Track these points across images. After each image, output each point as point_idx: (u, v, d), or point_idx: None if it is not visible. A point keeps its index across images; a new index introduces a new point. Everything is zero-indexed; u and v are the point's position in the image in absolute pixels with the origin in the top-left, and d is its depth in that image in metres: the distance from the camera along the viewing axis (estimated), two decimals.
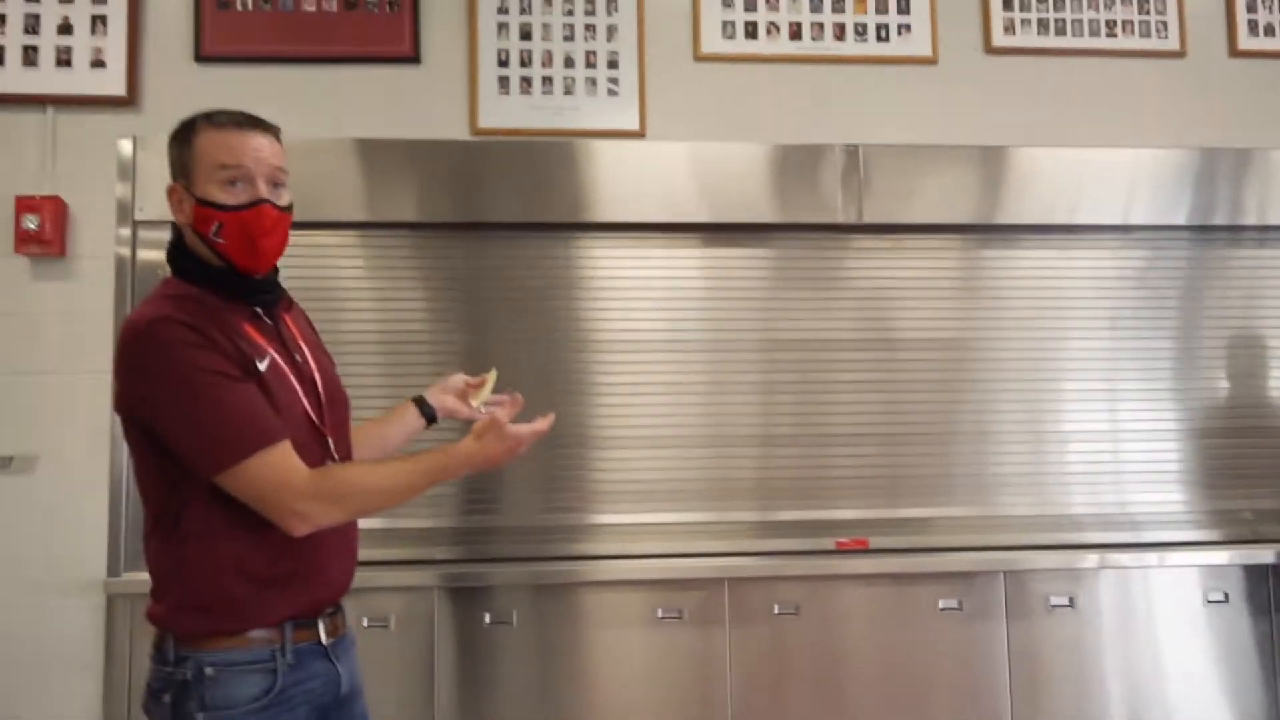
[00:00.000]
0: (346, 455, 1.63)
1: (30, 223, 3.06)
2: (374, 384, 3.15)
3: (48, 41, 3.16)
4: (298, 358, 1.56)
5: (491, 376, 1.92)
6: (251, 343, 1.48)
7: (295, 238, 2.93)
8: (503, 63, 3.26)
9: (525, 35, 3.26)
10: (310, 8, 3.22)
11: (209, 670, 1.42)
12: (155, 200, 3.15)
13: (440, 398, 1.89)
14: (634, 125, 3.29)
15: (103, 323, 3.11)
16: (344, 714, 1.59)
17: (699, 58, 3.35)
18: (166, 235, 3.11)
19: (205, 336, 1.42)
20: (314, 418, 1.53)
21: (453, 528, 3.16)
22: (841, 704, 3.05)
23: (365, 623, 3.00)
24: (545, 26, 3.27)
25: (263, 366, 1.46)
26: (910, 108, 3.44)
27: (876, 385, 3.30)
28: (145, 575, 2.79)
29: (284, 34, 3.22)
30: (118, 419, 1.54)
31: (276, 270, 1.61)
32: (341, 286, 3.22)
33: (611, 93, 3.29)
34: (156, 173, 3.16)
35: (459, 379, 1.92)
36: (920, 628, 3.07)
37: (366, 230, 3.21)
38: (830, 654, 3.07)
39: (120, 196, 3.14)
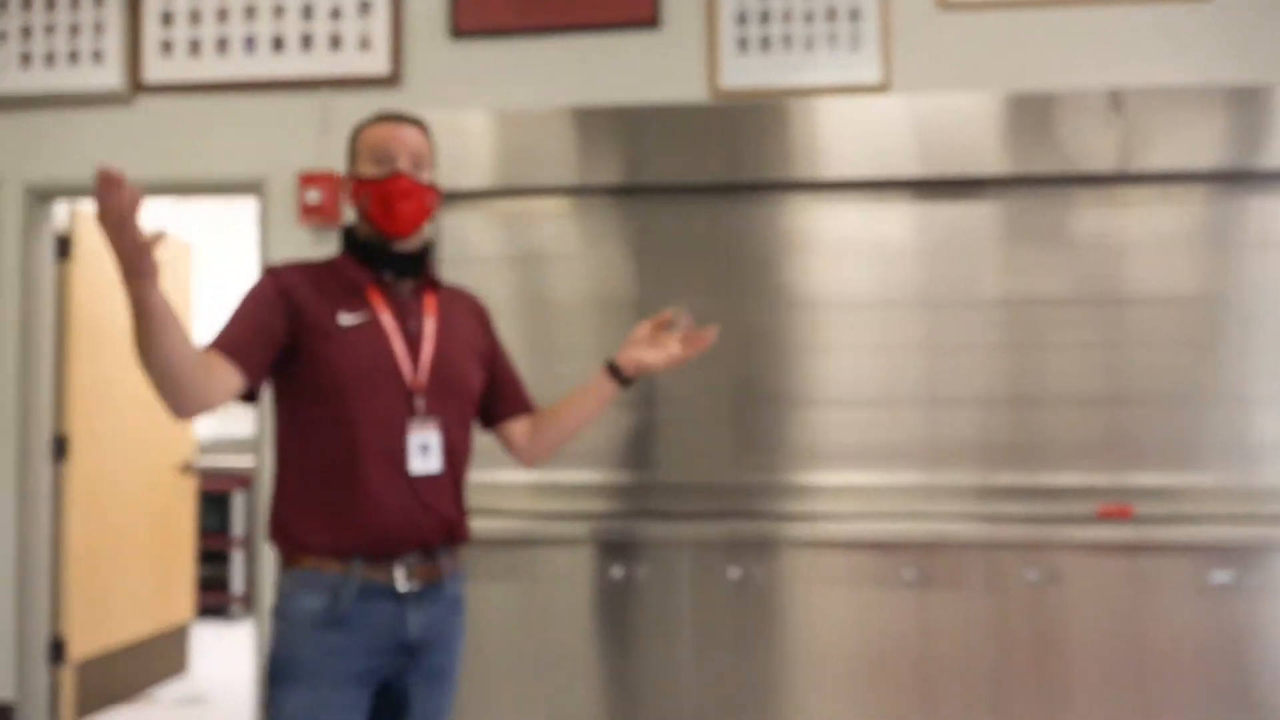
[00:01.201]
0: (442, 419, 1.70)
1: (312, 196, 3.34)
2: (588, 349, 3.29)
3: (321, 28, 3.42)
4: (411, 324, 1.71)
5: (677, 313, 1.99)
6: (359, 300, 1.69)
7: (532, 203, 3.05)
8: (742, 21, 3.25)
9: None
10: None
11: (287, 586, 1.64)
12: None
13: (628, 355, 1.92)
14: (876, 79, 3.20)
15: None
16: (411, 662, 1.66)
17: (944, 4, 3.21)
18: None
19: (286, 282, 1.67)
20: (406, 374, 1.67)
21: (719, 484, 3.27)
22: (1097, 683, 2.94)
23: (619, 574, 3.15)
24: None
25: (346, 320, 1.65)
26: (1172, 48, 3.18)
27: (1116, 345, 3.12)
28: None
29: (530, 7, 3.33)
30: None
31: (423, 254, 1.77)
32: (555, 251, 3.36)
33: (853, 47, 3.21)
34: None
35: (642, 328, 1.95)
36: (1188, 604, 2.90)
37: (584, 195, 3.33)
38: (1082, 627, 2.96)
39: None
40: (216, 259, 5.64)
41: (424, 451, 1.65)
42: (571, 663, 3.21)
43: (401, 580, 1.63)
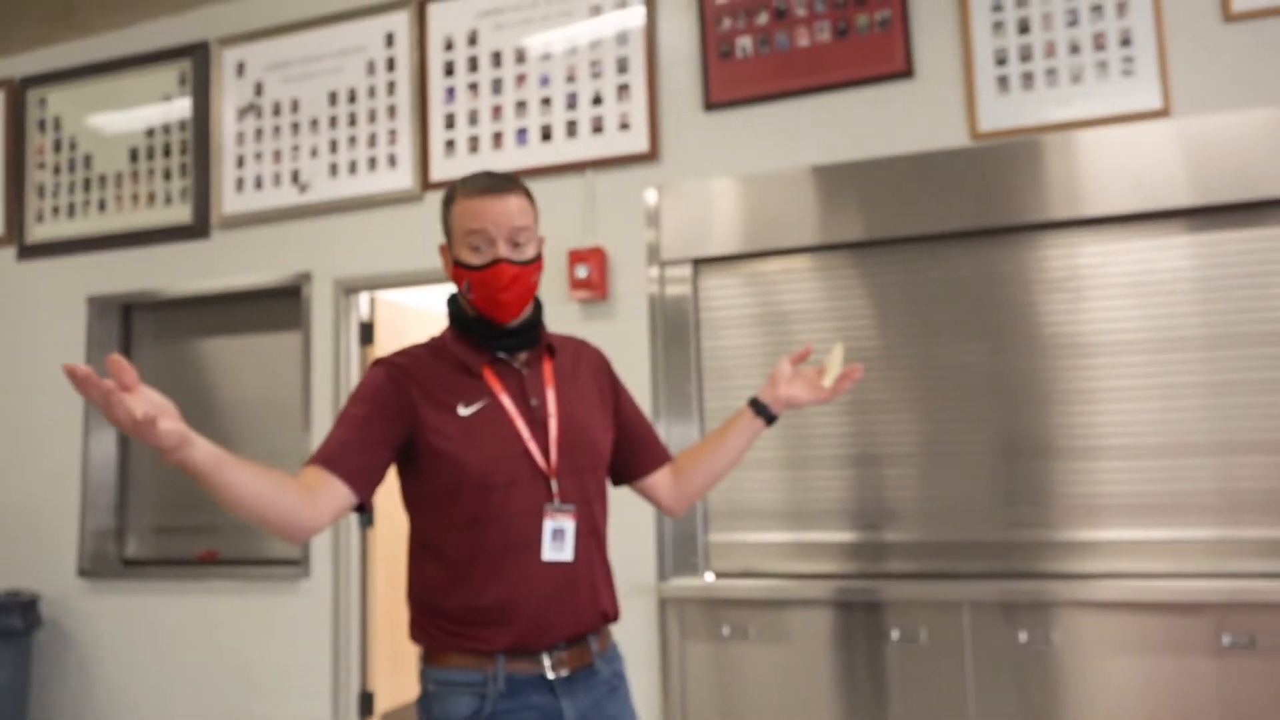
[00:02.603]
0: (580, 499, 1.62)
1: (581, 272, 3.54)
2: (837, 402, 3.24)
3: (584, 114, 3.65)
4: (533, 401, 1.62)
5: (838, 350, 1.85)
6: (477, 385, 1.61)
7: (778, 262, 3.04)
8: (1001, 61, 3.16)
9: (1023, 29, 3.14)
10: (804, 42, 3.38)
11: (432, 686, 1.56)
12: (677, 242, 3.50)
13: (774, 393, 1.85)
14: (1155, 104, 3.00)
15: (640, 353, 3.50)
16: None
17: (1230, 17, 2.98)
18: (688, 272, 3.50)
19: (398, 378, 1.60)
20: (538, 458, 1.58)
21: (984, 541, 3.11)
22: None
23: (896, 636, 3.05)
24: (1045, 16, 3.12)
25: (467, 410, 1.58)
26: None
27: None
28: (690, 581, 3.09)
29: (782, 71, 3.41)
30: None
31: (536, 321, 1.69)
32: (807, 307, 3.34)
33: (1126, 73, 3.04)
34: (677, 216, 3.51)
35: (784, 366, 1.86)
36: None
37: (827, 251, 3.32)
38: None
39: (648, 241, 3.53)
40: None
41: (558, 538, 1.56)
42: None
43: (549, 668, 1.55)
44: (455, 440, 1.55)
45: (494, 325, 1.63)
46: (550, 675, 1.54)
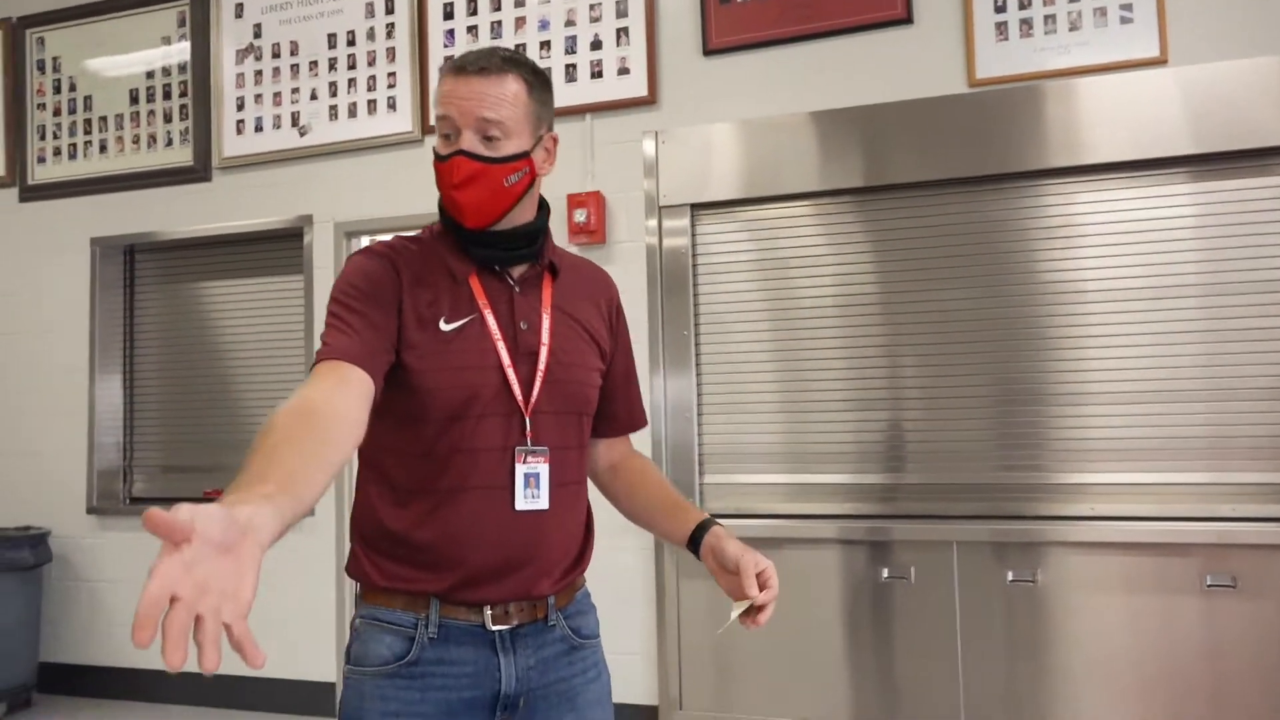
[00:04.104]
0: (558, 444, 1.40)
1: (579, 216, 3.57)
2: (836, 351, 3.29)
3: (583, 59, 3.65)
4: (523, 325, 1.38)
5: (736, 612, 1.40)
6: (463, 297, 1.37)
7: (791, 207, 3.06)
8: (999, 8, 3.16)
9: None
10: None
11: (358, 623, 1.36)
12: (675, 187, 3.52)
13: (717, 553, 1.43)
14: (1153, 52, 3.01)
15: (638, 300, 3.54)
16: (521, 716, 1.35)
17: None
18: (686, 217, 3.53)
19: (391, 273, 1.34)
20: (517, 393, 1.35)
21: (977, 484, 3.19)
22: None
23: (885, 574, 3.13)
24: None
25: (449, 326, 1.34)
26: None
27: None
28: None
29: (781, 17, 3.40)
30: (654, 383, 1.60)
31: (535, 231, 1.42)
32: (805, 253, 3.38)
33: (1124, 20, 3.04)
34: (675, 161, 3.53)
35: (733, 564, 1.41)
36: None
37: (827, 197, 3.35)
38: None
39: (647, 186, 3.55)
40: None
41: (530, 484, 1.35)
42: (827, 662, 3.21)
43: (490, 619, 1.32)
44: (430, 359, 1.32)
45: (474, 230, 1.37)
46: (491, 626, 1.31)
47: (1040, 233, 3.15)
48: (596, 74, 3.64)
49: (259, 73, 4.15)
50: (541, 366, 1.38)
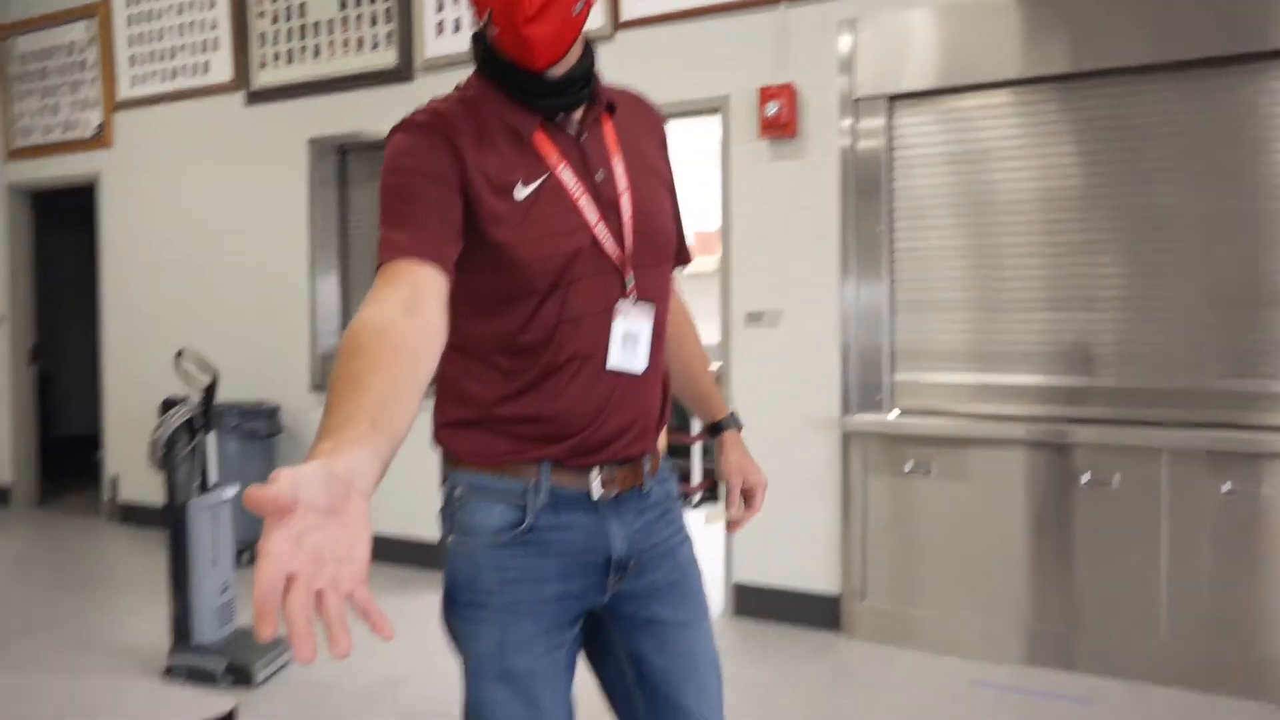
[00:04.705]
0: (654, 296, 1.32)
1: (771, 109, 3.52)
2: (1033, 247, 3.13)
3: None
4: (598, 175, 1.28)
5: (713, 521, 1.56)
6: (530, 157, 1.25)
7: (991, 96, 2.91)
8: None
9: None
10: None
11: (460, 490, 1.31)
12: (871, 77, 3.41)
13: (730, 462, 1.53)
14: None
15: (829, 196, 3.49)
16: (629, 582, 1.33)
17: None
18: (882, 109, 3.43)
19: (444, 146, 1.21)
20: (608, 247, 1.27)
21: (1189, 389, 3.03)
22: None
23: (1085, 480, 3.04)
24: None
25: (525, 191, 1.23)
26: None
27: None
28: (874, 417, 3.15)
29: None
30: (844, 280, 1.52)
31: (587, 73, 1.30)
32: (996, 146, 3.21)
33: None
34: (871, 50, 3.41)
35: (724, 477, 1.54)
36: None
37: (1029, 86, 3.15)
38: None
39: (841, 76, 3.46)
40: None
41: (629, 343, 1.28)
42: (1014, 562, 3.17)
43: (597, 486, 1.29)
44: (513, 230, 1.22)
45: (536, 77, 1.24)
46: (596, 494, 1.29)
47: (1272, 124, 2.88)
48: None
49: None
50: (627, 217, 1.29)
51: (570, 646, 1.31)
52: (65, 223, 6.92)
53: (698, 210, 5.32)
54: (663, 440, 1.42)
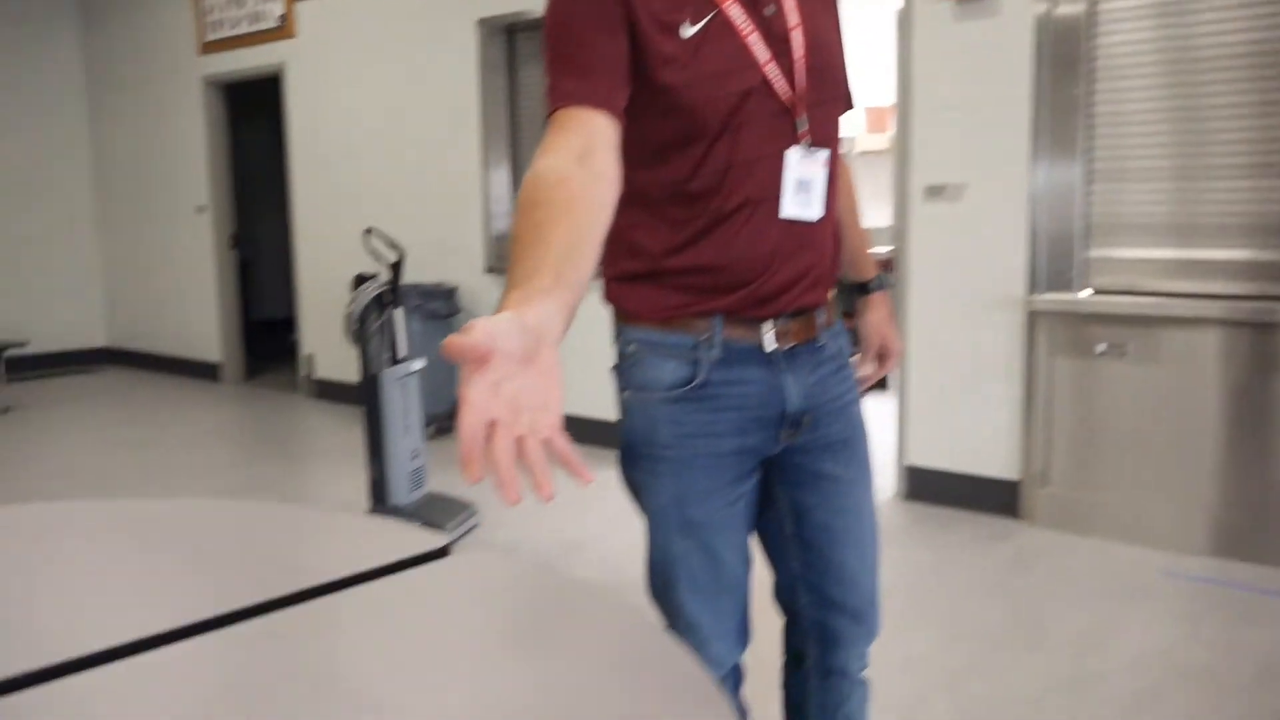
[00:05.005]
0: (827, 140, 1.27)
1: None
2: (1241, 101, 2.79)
3: None
4: (767, 10, 1.21)
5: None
6: None
7: None
8: None
9: None
10: None
11: (632, 348, 1.29)
12: None
13: (872, 322, 1.53)
14: None
15: (1021, 58, 3.24)
16: (798, 437, 1.30)
17: None
18: None
19: None
20: (780, 88, 1.21)
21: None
22: None
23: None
24: None
25: (693, 29, 1.16)
26: None
27: None
28: (1064, 296, 2.97)
29: None
30: (1034, 150, 1.43)
31: None
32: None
33: None
34: None
35: (862, 336, 1.52)
36: None
37: None
38: None
39: None
40: None
41: (802, 189, 1.24)
42: (1206, 449, 2.98)
43: (770, 339, 1.26)
44: (681, 71, 1.17)
45: None
46: (769, 347, 1.26)
47: None
48: None
49: None
50: (799, 54, 1.22)
51: (748, 499, 1.30)
52: (256, 114, 7.30)
53: (868, 84, 5.07)
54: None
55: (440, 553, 1.01)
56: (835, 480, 1.33)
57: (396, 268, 3.35)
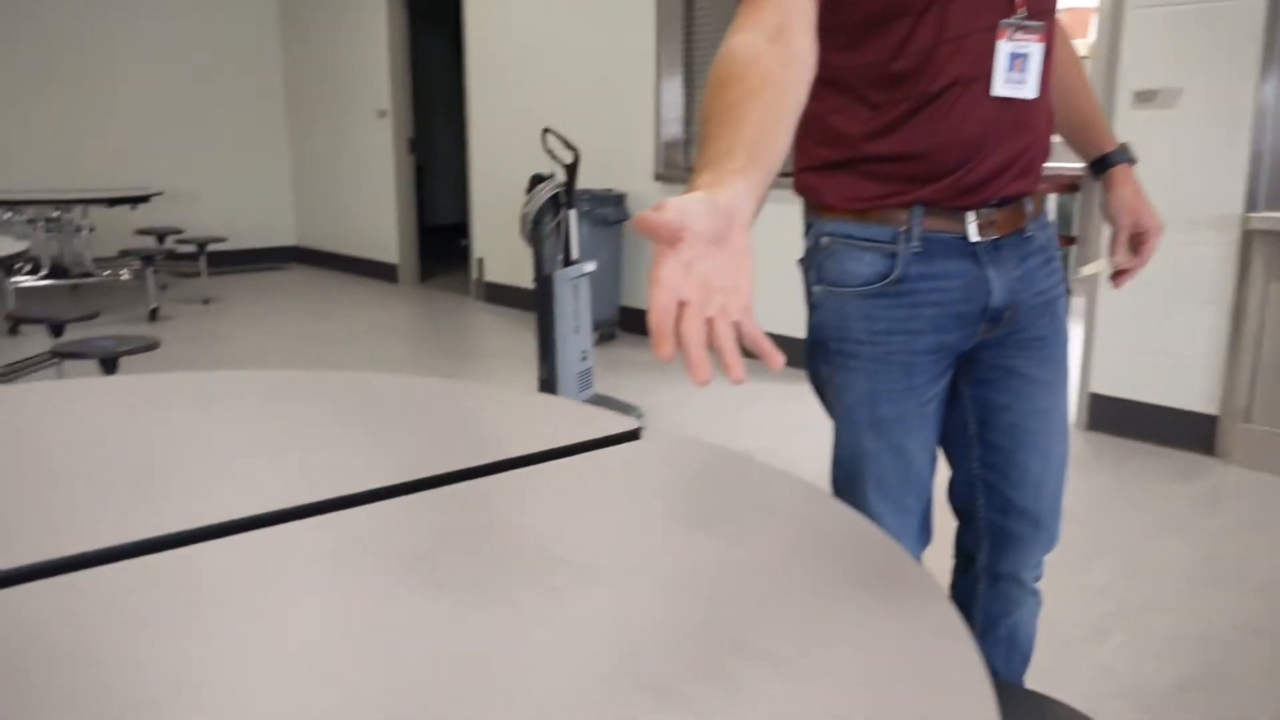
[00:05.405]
0: (1044, 11, 1.16)
1: None
2: None
3: None
4: None
5: (1093, 269, 1.42)
6: None
7: None
8: None
9: None
10: None
11: (824, 240, 1.23)
12: None
13: (1121, 200, 1.37)
14: None
15: None
16: (998, 334, 1.24)
17: None
18: None
19: None
20: None
21: None
22: None
23: None
24: None
25: None
26: None
27: None
28: None
29: None
30: (1267, 49, 1.28)
31: None
32: None
33: None
34: None
35: (1113, 216, 1.38)
36: None
37: None
38: None
39: None
40: None
41: (1016, 66, 1.15)
42: None
43: (975, 229, 1.20)
44: None
45: None
46: (973, 238, 1.20)
47: None
48: None
49: None
50: None
51: (940, 398, 1.25)
52: (435, 21, 7.45)
53: None
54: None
55: (633, 434, 1.02)
56: (1028, 380, 1.26)
57: (572, 169, 3.37)
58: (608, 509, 0.83)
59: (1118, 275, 1.36)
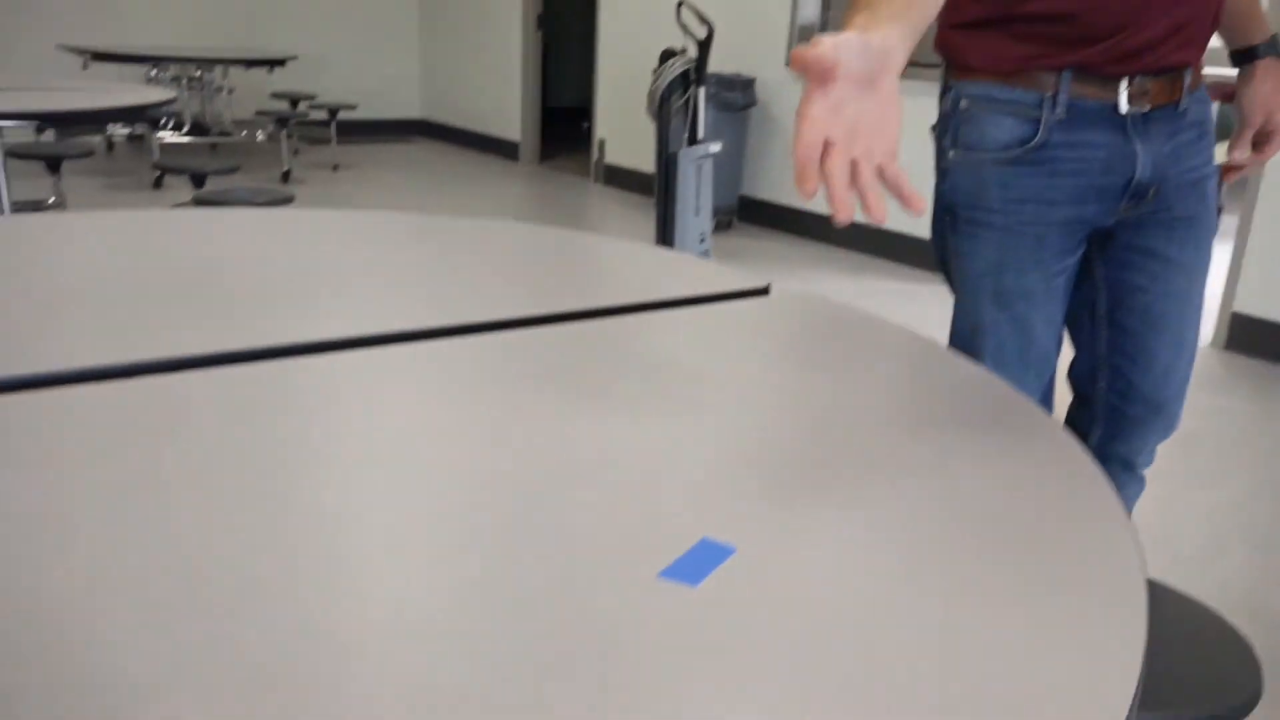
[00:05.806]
0: None
1: None
2: None
3: None
4: None
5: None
6: None
7: None
8: None
9: None
10: None
11: (963, 103, 1.19)
12: None
13: (1258, 95, 1.23)
14: None
15: None
16: (1141, 210, 1.17)
17: None
18: None
19: None
20: None
21: None
22: None
23: None
24: None
25: None
26: None
27: None
28: None
29: None
30: None
31: None
32: None
33: None
34: None
35: (1243, 113, 1.25)
36: None
37: None
38: None
39: None
40: None
41: None
42: None
43: (1125, 99, 1.13)
44: None
45: None
46: (1124, 108, 1.14)
47: None
48: None
49: None
50: None
51: (1070, 273, 1.21)
52: None
53: None
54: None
55: (763, 290, 1.03)
56: (1168, 261, 1.21)
57: (705, 44, 3.29)
58: (735, 350, 0.83)
59: (1228, 171, 1.27)
